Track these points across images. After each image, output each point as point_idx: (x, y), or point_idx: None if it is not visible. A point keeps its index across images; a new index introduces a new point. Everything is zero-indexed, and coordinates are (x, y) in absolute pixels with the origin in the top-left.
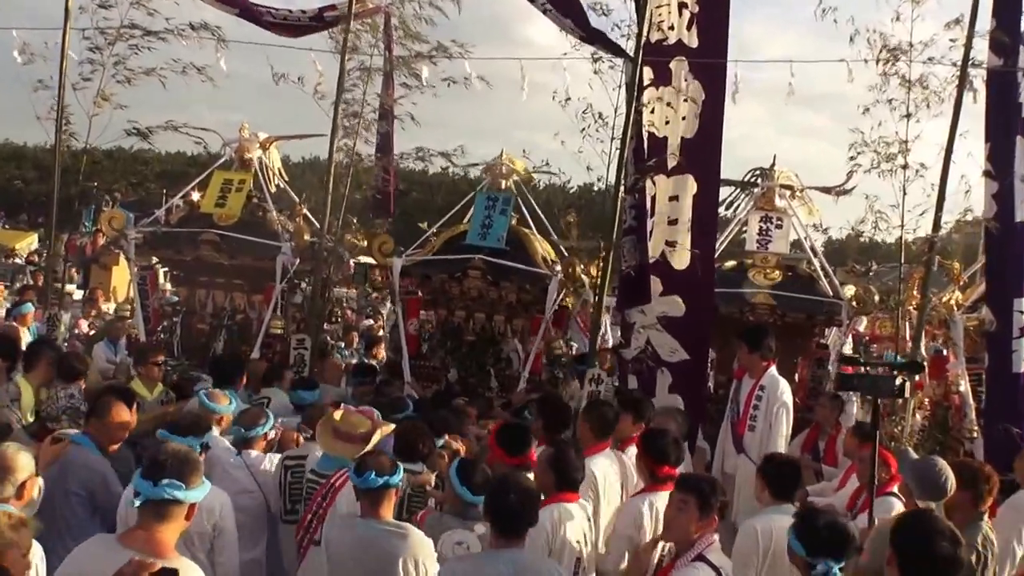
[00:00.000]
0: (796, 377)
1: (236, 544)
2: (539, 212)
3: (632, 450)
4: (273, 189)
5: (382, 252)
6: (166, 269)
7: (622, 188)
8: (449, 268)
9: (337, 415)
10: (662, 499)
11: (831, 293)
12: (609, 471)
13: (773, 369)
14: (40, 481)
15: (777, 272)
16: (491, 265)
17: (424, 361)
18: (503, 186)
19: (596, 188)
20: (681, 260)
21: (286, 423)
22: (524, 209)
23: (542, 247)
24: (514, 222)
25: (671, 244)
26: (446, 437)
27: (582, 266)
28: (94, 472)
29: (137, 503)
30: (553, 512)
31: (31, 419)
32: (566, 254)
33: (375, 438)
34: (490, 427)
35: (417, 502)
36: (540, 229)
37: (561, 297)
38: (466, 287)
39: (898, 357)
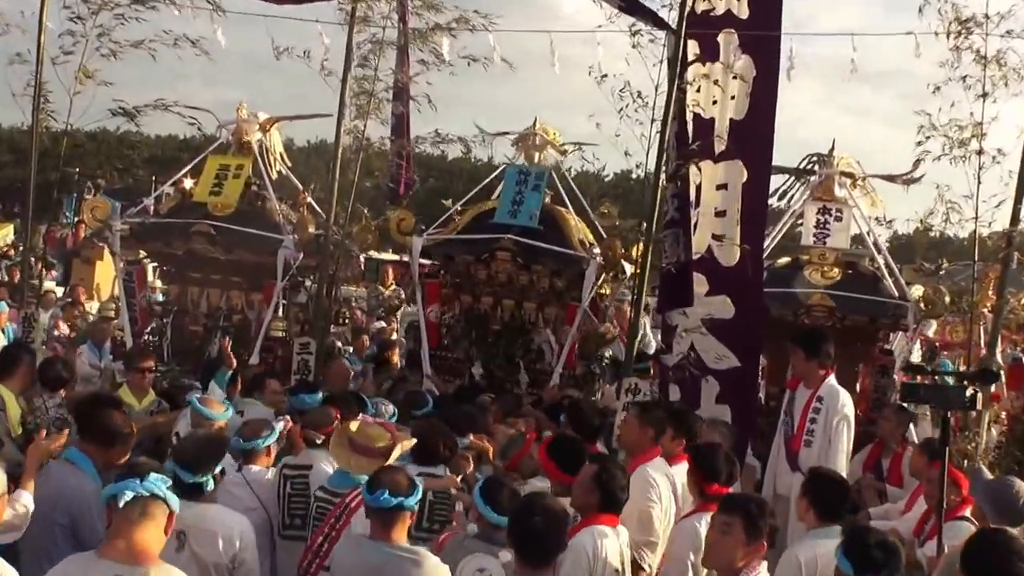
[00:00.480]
0: (857, 387)
1: None
2: (576, 190)
3: (679, 467)
4: (274, 176)
5: (401, 230)
6: (155, 264)
7: (663, 175)
8: (475, 249)
9: (353, 426)
10: None
11: (896, 294)
12: (664, 482)
13: (832, 378)
14: (29, 502)
15: (836, 270)
16: (522, 246)
17: (446, 352)
18: (536, 160)
19: (635, 176)
20: (729, 256)
21: None
22: (560, 187)
23: (579, 227)
24: (547, 200)
25: (718, 238)
26: (470, 437)
27: (623, 250)
28: (83, 499)
29: (123, 500)
30: (595, 535)
31: (20, 431)
32: (605, 236)
33: (395, 452)
34: (520, 427)
35: (441, 510)
36: (577, 209)
37: (599, 284)
38: (494, 270)
39: (961, 365)
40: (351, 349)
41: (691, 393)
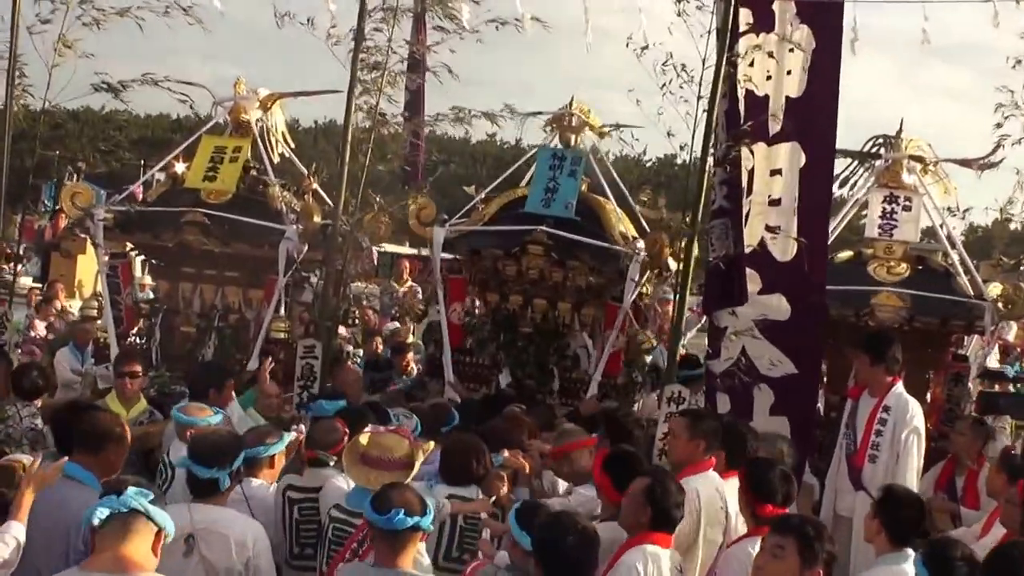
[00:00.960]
0: (928, 397)
1: None
2: (616, 177)
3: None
4: (276, 159)
5: (421, 220)
6: (143, 258)
7: (710, 159)
8: (504, 241)
9: (364, 439)
10: None
11: (972, 292)
12: (714, 497)
13: (900, 386)
14: (20, 534)
15: (904, 265)
16: (557, 239)
17: (469, 357)
18: (572, 143)
19: (679, 160)
20: (785, 250)
21: None
22: (598, 172)
23: (619, 219)
24: (584, 187)
25: (772, 230)
26: (505, 453)
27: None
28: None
29: (99, 519)
30: (645, 555)
31: None
32: (648, 228)
33: (418, 461)
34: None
35: (472, 537)
36: (617, 198)
37: (643, 282)
38: (524, 266)
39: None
40: (361, 352)
41: (742, 403)
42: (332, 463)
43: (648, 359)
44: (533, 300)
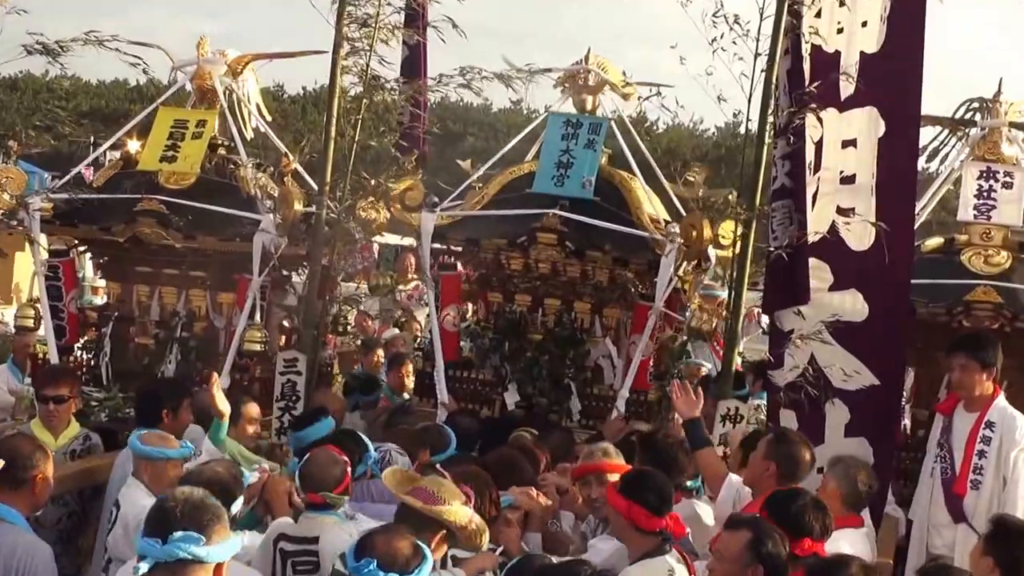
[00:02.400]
0: None
1: None
2: (643, 148)
3: None
4: (249, 134)
5: (406, 203)
6: (91, 255)
7: (769, 129)
8: (508, 229)
9: (427, 480)
10: None
11: None
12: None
13: (1002, 397)
14: None
15: (1004, 254)
16: (572, 225)
17: (468, 372)
18: (590, 106)
19: (743, 131)
20: (861, 237)
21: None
22: (622, 143)
23: (650, 200)
24: (604, 160)
25: (845, 213)
26: (515, 493)
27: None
28: (45, 563)
29: (143, 570)
30: None
31: None
32: (683, 211)
33: (450, 516)
34: (572, 476)
35: None
36: (648, 176)
37: (679, 274)
38: (533, 258)
39: None
40: (358, 367)
41: (811, 421)
42: (343, 505)
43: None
44: (544, 300)
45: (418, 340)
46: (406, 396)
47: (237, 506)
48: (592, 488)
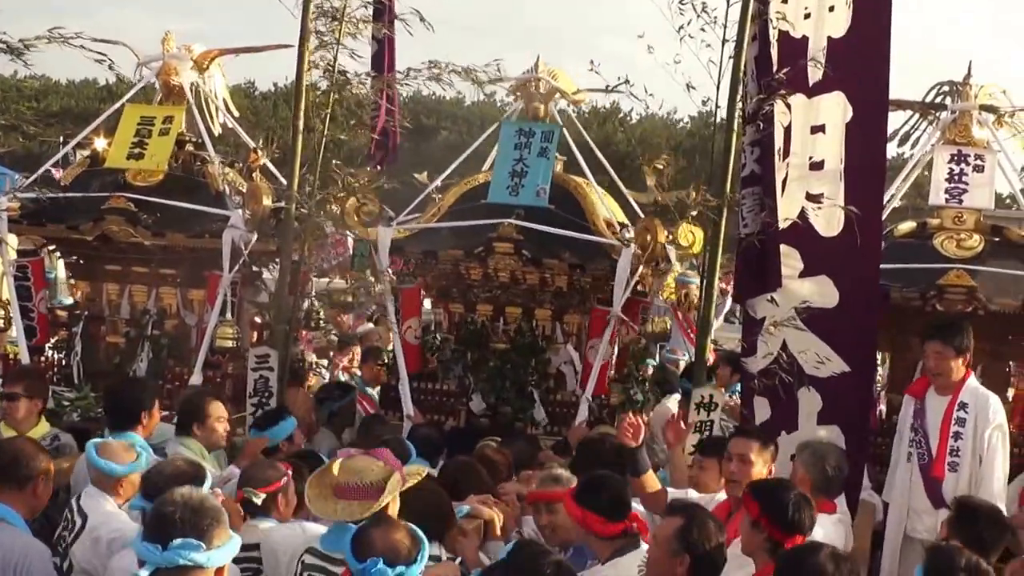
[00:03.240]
0: (1010, 394)
1: None
2: (597, 152)
3: None
4: (217, 130)
5: (361, 218)
6: (60, 254)
7: (738, 116)
8: (465, 240)
9: (335, 467)
10: None
11: None
12: None
13: (973, 378)
14: None
15: (977, 237)
16: (529, 234)
17: (431, 383)
18: (543, 113)
19: (717, 120)
20: (831, 222)
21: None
22: (576, 151)
23: (605, 204)
24: (559, 167)
25: (815, 199)
26: (471, 502)
27: (667, 233)
28: (43, 564)
29: (144, 575)
30: None
31: None
32: (641, 215)
33: (390, 485)
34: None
35: None
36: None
37: (636, 279)
38: (492, 268)
39: None
40: (326, 363)
41: (785, 409)
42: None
43: (649, 370)
44: (505, 309)
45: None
46: (371, 391)
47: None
48: (543, 516)
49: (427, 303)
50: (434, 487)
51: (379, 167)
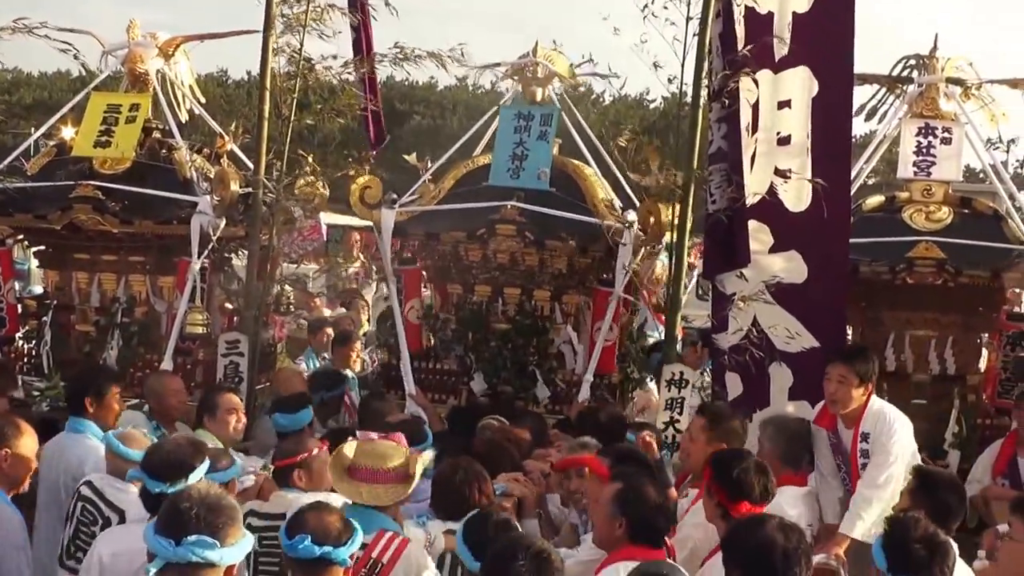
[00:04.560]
0: (982, 365)
1: None
2: (591, 135)
3: None
4: (184, 117)
5: (365, 200)
6: (28, 245)
7: (705, 93)
8: (467, 222)
9: (349, 449)
10: None
11: None
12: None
13: (875, 400)
14: None
15: (945, 210)
16: (531, 216)
17: (433, 363)
18: (540, 97)
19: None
20: (799, 197)
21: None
22: (575, 133)
23: (604, 187)
24: (556, 150)
25: (783, 174)
26: (505, 480)
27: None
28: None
29: (153, 570)
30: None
31: None
32: (636, 199)
33: (418, 469)
34: (554, 459)
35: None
36: (599, 162)
37: (637, 260)
38: (493, 250)
39: None
40: (308, 348)
41: (756, 384)
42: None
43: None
44: (504, 289)
45: (367, 321)
46: (350, 375)
47: (198, 475)
48: (573, 481)
49: None
50: (476, 466)
51: (373, 151)
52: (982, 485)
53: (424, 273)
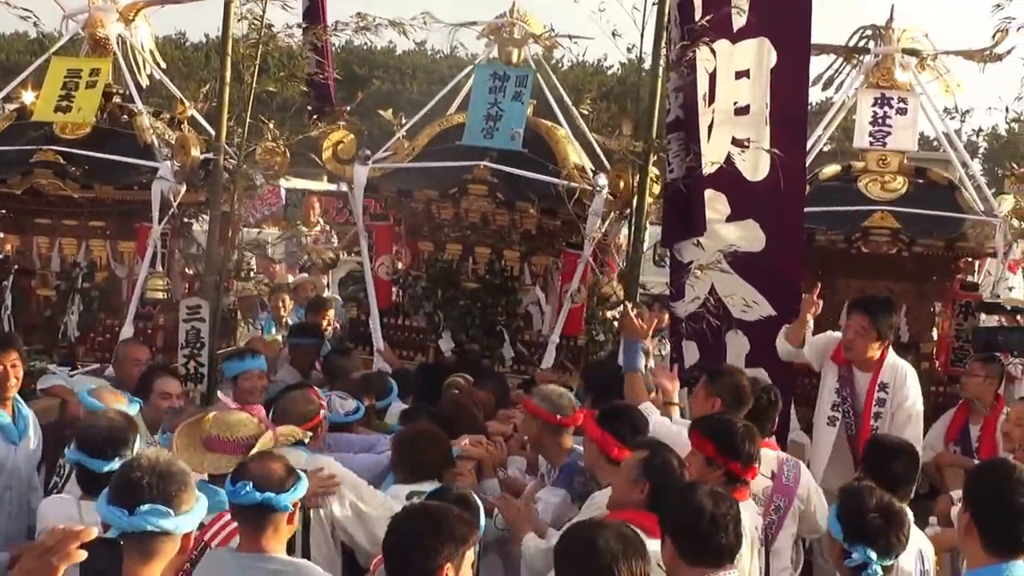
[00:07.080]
0: (935, 333)
1: None
2: (566, 98)
3: None
4: (144, 82)
5: (339, 156)
6: None
7: (663, 62)
8: (439, 181)
9: (209, 417)
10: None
11: (981, 208)
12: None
13: (892, 354)
14: None
15: (900, 180)
16: (502, 176)
17: (401, 319)
18: (515, 59)
19: (648, 66)
20: (756, 166)
21: None
22: (548, 95)
23: (576, 150)
24: (530, 112)
25: (740, 144)
26: (464, 441)
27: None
28: None
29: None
30: None
31: None
32: (607, 163)
33: (262, 444)
34: (517, 422)
35: None
36: (571, 125)
37: (606, 225)
38: (464, 209)
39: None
40: (264, 314)
41: (713, 352)
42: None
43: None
44: (475, 249)
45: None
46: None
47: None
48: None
49: None
50: (434, 429)
51: (317, 118)
52: (935, 452)
53: (394, 231)
